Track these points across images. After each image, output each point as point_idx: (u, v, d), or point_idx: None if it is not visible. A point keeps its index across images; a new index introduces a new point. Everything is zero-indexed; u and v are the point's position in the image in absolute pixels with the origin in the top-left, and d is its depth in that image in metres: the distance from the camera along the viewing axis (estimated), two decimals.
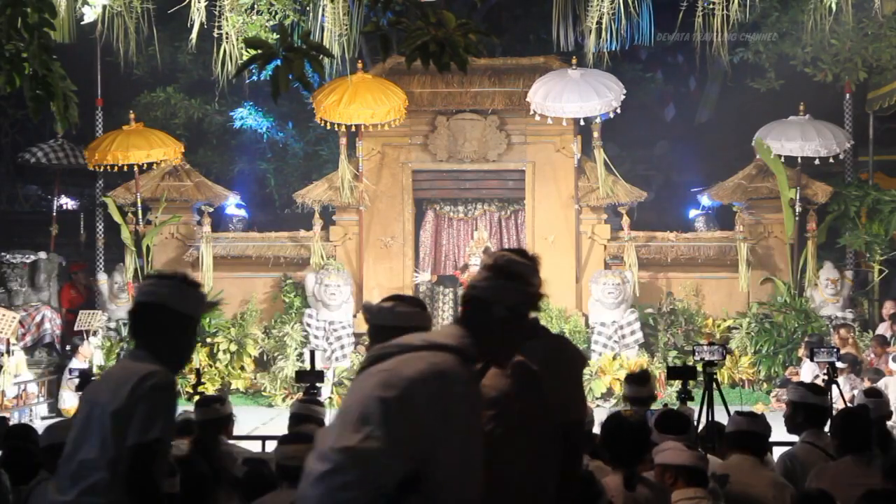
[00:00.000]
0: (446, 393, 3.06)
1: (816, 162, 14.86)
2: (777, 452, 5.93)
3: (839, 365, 10.16)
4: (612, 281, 14.74)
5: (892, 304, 14.70)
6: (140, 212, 15.55)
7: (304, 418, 5.88)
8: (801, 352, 13.60)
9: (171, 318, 3.66)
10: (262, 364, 15.15)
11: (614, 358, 14.38)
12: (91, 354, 13.93)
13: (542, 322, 4.67)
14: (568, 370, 3.88)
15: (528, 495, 3.76)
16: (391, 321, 3.74)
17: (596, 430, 5.22)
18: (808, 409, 5.64)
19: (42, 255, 15.35)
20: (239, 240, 16.11)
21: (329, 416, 6.36)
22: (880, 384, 11.26)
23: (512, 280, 3.30)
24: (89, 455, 3.58)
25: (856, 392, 9.57)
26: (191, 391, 9.12)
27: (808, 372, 12.42)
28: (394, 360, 3.16)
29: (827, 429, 5.64)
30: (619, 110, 14.68)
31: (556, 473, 3.79)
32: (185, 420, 5.94)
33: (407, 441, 3.00)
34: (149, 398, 3.53)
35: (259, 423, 12.20)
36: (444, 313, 15.44)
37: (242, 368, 14.96)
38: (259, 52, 4.68)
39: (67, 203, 21.73)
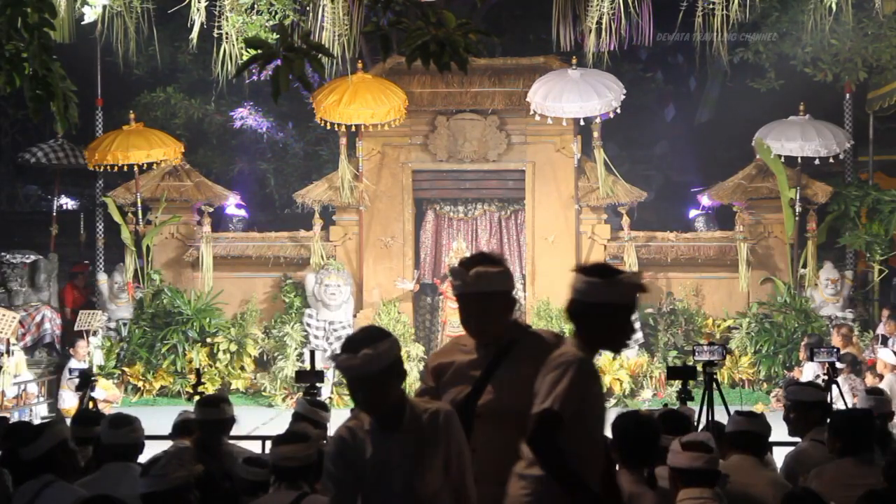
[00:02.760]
0: None
1: (816, 162, 14.85)
2: (777, 452, 5.92)
3: (839, 365, 10.15)
4: None
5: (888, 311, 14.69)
6: (140, 212, 15.55)
7: (305, 419, 5.74)
8: (802, 354, 13.61)
9: (595, 309, 3.81)
10: (262, 364, 15.15)
11: (614, 358, 14.38)
12: (87, 354, 13.88)
13: (544, 323, 4.68)
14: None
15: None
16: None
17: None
18: (815, 407, 5.67)
19: (42, 255, 15.35)
20: (239, 240, 16.11)
21: (334, 418, 6.29)
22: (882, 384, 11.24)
23: None
24: None
25: (857, 397, 9.56)
26: (191, 391, 9.13)
27: (809, 372, 12.40)
28: None
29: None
30: (618, 110, 14.68)
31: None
32: (187, 420, 5.92)
33: None
34: (552, 372, 3.73)
35: (259, 423, 12.19)
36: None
37: (242, 368, 14.96)
38: (259, 52, 4.68)
39: (67, 203, 21.74)
